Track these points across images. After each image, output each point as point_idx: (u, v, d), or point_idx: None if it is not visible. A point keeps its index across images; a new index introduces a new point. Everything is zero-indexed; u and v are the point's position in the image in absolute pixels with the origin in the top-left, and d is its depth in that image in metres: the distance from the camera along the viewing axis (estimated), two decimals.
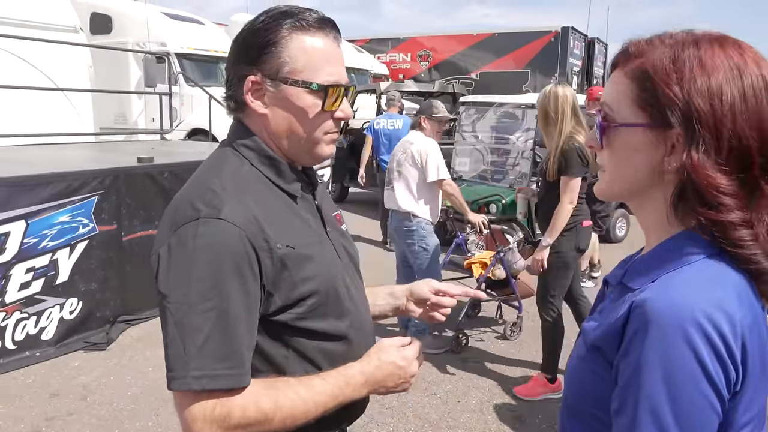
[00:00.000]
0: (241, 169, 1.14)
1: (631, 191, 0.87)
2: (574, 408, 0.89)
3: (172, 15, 10.86)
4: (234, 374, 1.01)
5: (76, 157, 5.49)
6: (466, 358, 4.30)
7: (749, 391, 0.75)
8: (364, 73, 13.61)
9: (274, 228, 1.08)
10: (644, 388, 0.72)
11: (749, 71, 0.78)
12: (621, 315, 0.78)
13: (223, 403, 1.00)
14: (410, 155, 4.17)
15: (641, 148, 0.82)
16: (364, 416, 3.37)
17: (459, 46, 15.15)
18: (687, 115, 0.77)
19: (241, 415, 1.01)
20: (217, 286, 1.00)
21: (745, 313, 0.74)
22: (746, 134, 0.76)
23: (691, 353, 0.70)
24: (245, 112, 1.16)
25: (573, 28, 13.99)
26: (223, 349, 1.00)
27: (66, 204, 4.10)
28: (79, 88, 7.19)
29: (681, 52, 0.80)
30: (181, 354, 0.99)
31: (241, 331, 1.03)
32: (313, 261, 1.13)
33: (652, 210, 0.86)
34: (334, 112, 1.16)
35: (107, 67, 9.09)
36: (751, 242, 0.77)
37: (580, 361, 0.87)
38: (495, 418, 3.47)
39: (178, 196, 1.12)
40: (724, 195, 0.76)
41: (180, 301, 1.00)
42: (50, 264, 4.05)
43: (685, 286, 0.75)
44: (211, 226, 1.02)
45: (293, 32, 1.11)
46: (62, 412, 3.41)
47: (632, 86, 0.83)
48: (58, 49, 6.70)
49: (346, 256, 1.28)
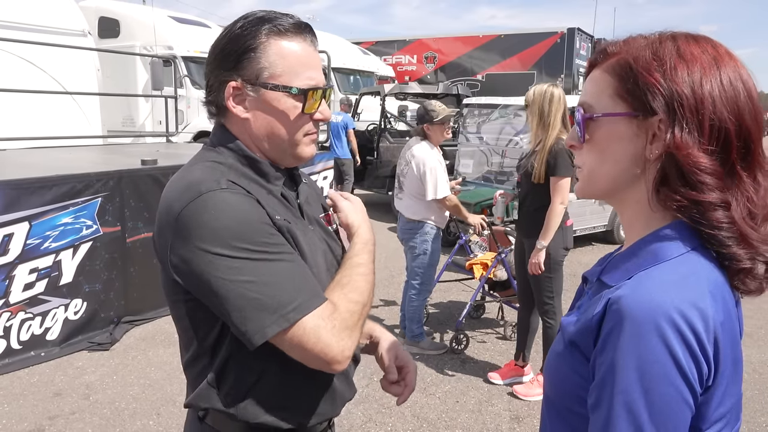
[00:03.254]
0: (224, 164, 1.16)
1: (613, 186, 0.89)
2: (554, 403, 0.90)
3: (178, 18, 10.96)
4: (319, 293, 1.09)
5: (81, 159, 5.56)
6: (465, 358, 4.32)
7: (721, 386, 0.77)
8: (369, 76, 13.65)
9: (268, 206, 1.11)
10: (619, 383, 0.74)
11: (724, 63, 0.82)
12: (597, 311, 0.79)
13: (332, 314, 1.08)
14: (412, 167, 4.14)
15: (623, 138, 0.84)
16: (362, 416, 3.44)
17: (465, 47, 15.16)
18: (669, 99, 0.79)
19: (348, 314, 1.10)
20: (258, 239, 1.05)
21: (718, 310, 0.76)
22: (725, 117, 0.79)
23: (664, 349, 0.72)
24: (226, 117, 1.19)
25: (579, 29, 13.96)
26: (300, 280, 1.07)
27: (69, 206, 4.15)
28: (87, 91, 7.27)
29: (660, 45, 0.83)
30: (263, 303, 1.03)
31: (302, 263, 1.11)
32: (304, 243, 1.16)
33: (633, 203, 0.88)
34: (313, 113, 1.19)
35: (115, 71, 9.20)
36: (727, 224, 0.79)
37: (559, 357, 0.89)
38: (493, 419, 3.48)
39: (168, 191, 1.13)
40: (704, 173, 0.78)
41: (233, 265, 1.02)
42: (54, 265, 4.11)
43: (659, 284, 0.77)
44: (218, 195, 1.05)
45: (271, 38, 1.13)
46: (65, 411, 3.46)
47: (612, 80, 0.86)
48: (67, 52, 6.78)
49: (330, 254, 1.29)
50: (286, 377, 1.15)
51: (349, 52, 13.72)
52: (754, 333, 4.91)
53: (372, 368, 4.06)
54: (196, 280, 1.05)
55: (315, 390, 1.21)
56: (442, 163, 4.17)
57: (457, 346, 4.38)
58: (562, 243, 3.52)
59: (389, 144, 9.51)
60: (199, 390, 1.16)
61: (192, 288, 1.07)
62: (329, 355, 1.06)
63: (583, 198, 0.97)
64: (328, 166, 6.63)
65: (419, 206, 4.19)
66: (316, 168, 6.45)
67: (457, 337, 4.39)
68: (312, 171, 6.40)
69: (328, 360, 1.07)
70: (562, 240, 3.51)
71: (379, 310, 5.26)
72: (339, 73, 12.54)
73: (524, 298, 3.85)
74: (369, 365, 4.13)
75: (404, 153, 4.33)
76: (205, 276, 1.03)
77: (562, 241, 3.51)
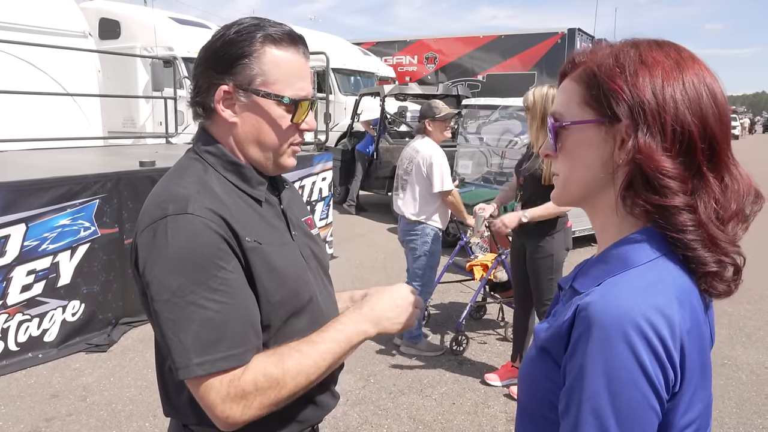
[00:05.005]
0: (205, 174, 1.17)
1: (585, 192, 0.89)
2: (526, 409, 0.91)
3: (179, 20, 10.98)
4: (234, 354, 1.05)
5: (81, 161, 5.56)
6: (462, 360, 4.32)
7: (689, 392, 0.77)
8: (370, 76, 13.65)
9: (240, 225, 1.11)
10: (587, 389, 0.74)
11: (687, 67, 0.82)
12: (567, 318, 0.80)
13: (232, 380, 1.05)
14: (416, 165, 4.17)
15: (592, 145, 0.85)
16: (358, 417, 3.45)
17: (465, 48, 15.14)
18: (632, 105, 0.80)
19: (253, 387, 1.06)
20: (196, 278, 1.04)
21: (685, 317, 0.77)
22: (688, 120, 0.79)
23: (631, 355, 0.72)
24: (212, 119, 1.20)
25: (580, 29, 13.93)
26: (218, 333, 1.04)
27: (67, 207, 4.16)
28: (87, 92, 7.29)
29: (622, 52, 0.84)
30: (179, 346, 1.03)
31: (235, 312, 1.06)
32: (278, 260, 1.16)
33: (604, 209, 0.88)
34: (300, 124, 1.20)
35: (115, 72, 9.21)
36: (692, 227, 0.79)
37: (531, 363, 0.89)
38: (489, 420, 3.48)
39: (147, 201, 1.15)
40: (668, 178, 0.78)
41: (164, 298, 1.04)
42: (51, 266, 4.12)
43: (627, 290, 0.77)
44: (180, 221, 1.06)
45: (266, 45, 1.14)
46: (62, 412, 3.47)
47: (579, 88, 0.87)
48: (68, 54, 6.79)
49: (313, 259, 1.30)
50: None
51: (349, 53, 13.72)
52: (753, 334, 4.90)
53: (368, 370, 4.07)
54: (145, 300, 1.11)
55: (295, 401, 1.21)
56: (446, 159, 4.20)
57: (457, 348, 4.37)
58: (564, 244, 3.53)
59: (389, 145, 9.51)
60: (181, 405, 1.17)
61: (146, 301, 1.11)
62: (215, 415, 1.06)
63: (559, 205, 0.98)
64: (326, 167, 6.63)
65: (421, 205, 4.20)
66: (315, 169, 6.45)
67: (457, 338, 4.39)
68: (311, 172, 6.40)
69: (216, 420, 1.07)
70: (564, 241, 3.52)
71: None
72: (339, 74, 12.54)
73: (521, 299, 3.84)
74: (366, 367, 4.14)
75: (406, 152, 4.35)
76: (149, 299, 1.08)
77: (564, 242, 3.52)
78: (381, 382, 3.90)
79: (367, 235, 8.41)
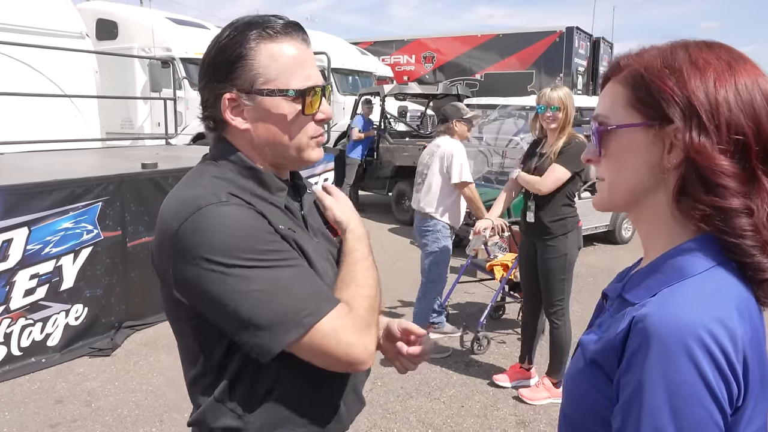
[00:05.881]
0: (224, 177, 1.12)
1: (631, 197, 0.87)
2: (573, 423, 0.88)
3: (176, 20, 10.94)
4: (330, 295, 1.08)
5: (80, 163, 5.52)
6: (469, 362, 4.29)
7: (750, 406, 0.75)
8: (368, 76, 13.62)
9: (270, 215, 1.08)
10: (646, 405, 0.71)
11: (739, 68, 0.80)
12: (621, 330, 0.77)
13: (348, 314, 1.06)
14: (436, 159, 4.31)
15: (639, 149, 0.83)
16: (367, 421, 3.42)
17: (463, 47, 15.14)
18: (684, 106, 0.78)
19: (364, 312, 1.08)
20: (262, 248, 1.02)
21: (746, 328, 0.74)
22: (742, 122, 0.78)
23: (693, 369, 0.70)
24: (226, 129, 1.15)
25: (578, 27, 13.96)
26: (311, 285, 1.06)
27: (69, 210, 4.12)
28: (85, 94, 7.24)
29: (671, 54, 0.82)
30: (282, 307, 1.01)
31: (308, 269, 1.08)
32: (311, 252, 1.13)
33: (652, 215, 0.86)
34: (315, 114, 1.14)
35: (113, 73, 9.16)
36: (751, 232, 0.77)
37: (580, 376, 0.86)
38: (498, 423, 3.45)
39: (168, 205, 1.09)
40: (726, 176, 0.76)
41: (238, 274, 1.00)
42: (54, 270, 4.07)
43: (686, 301, 0.75)
44: (217, 210, 1.02)
45: (261, 42, 1.09)
46: (66, 418, 3.43)
47: (625, 91, 0.85)
48: (65, 55, 6.74)
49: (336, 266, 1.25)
50: (297, 391, 1.13)
51: (347, 53, 13.69)
52: None
53: (376, 372, 4.04)
54: (202, 297, 1.02)
55: (325, 405, 1.19)
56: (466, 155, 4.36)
57: (478, 348, 4.41)
58: (577, 243, 3.53)
59: (389, 145, 9.47)
60: (205, 407, 1.13)
61: (197, 305, 1.04)
62: (352, 354, 1.04)
63: (602, 210, 0.95)
64: (328, 168, 6.61)
65: (437, 198, 4.32)
66: (316, 170, 6.43)
67: (477, 338, 4.42)
68: (312, 173, 6.38)
69: (352, 360, 1.05)
70: (577, 240, 3.52)
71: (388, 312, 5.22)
72: (338, 74, 12.50)
73: (530, 300, 3.82)
74: (373, 370, 4.06)
75: (427, 149, 4.55)
76: (210, 291, 1.00)
77: (576, 241, 3.52)
78: (388, 385, 3.87)
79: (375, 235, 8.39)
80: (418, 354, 1.30)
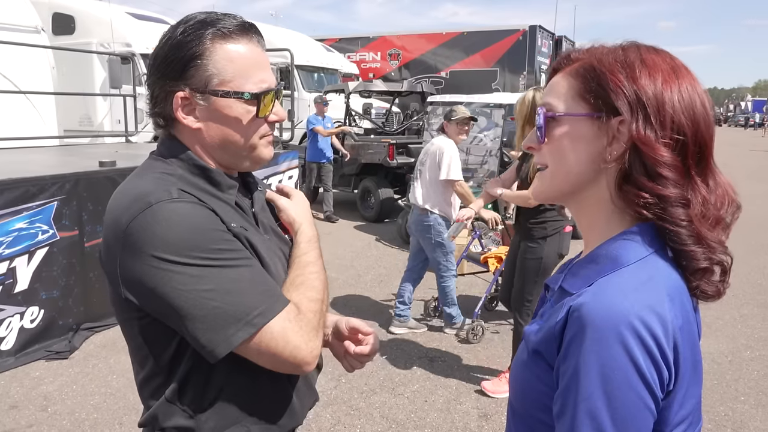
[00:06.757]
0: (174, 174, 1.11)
1: (574, 186, 0.89)
2: (519, 412, 0.90)
3: (136, 15, 10.71)
4: (281, 296, 1.08)
5: (36, 161, 5.37)
6: (433, 357, 4.33)
7: (682, 390, 0.78)
8: (333, 73, 13.56)
9: (222, 213, 1.07)
10: (582, 391, 0.74)
11: (682, 74, 0.85)
12: (559, 319, 0.80)
13: (296, 316, 1.07)
14: (431, 154, 4.62)
15: (583, 138, 0.86)
16: (330, 418, 3.42)
17: (428, 44, 15.21)
18: (632, 99, 0.81)
19: (312, 314, 1.10)
20: (213, 247, 1.01)
21: (677, 314, 0.77)
22: (683, 122, 0.82)
23: (625, 355, 0.73)
24: (176, 128, 1.13)
25: (540, 26, 14.15)
26: (262, 284, 1.06)
27: (23, 210, 4.00)
28: (41, 90, 7.04)
29: (623, 51, 0.86)
30: (231, 308, 1.00)
31: (259, 268, 1.08)
32: (262, 249, 1.13)
33: (591, 205, 0.89)
34: (268, 116, 1.14)
35: (71, 69, 8.93)
36: (686, 222, 0.81)
37: (523, 366, 0.89)
38: (461, 417, 3.49)
39: (116, 201, 1.07)
40: (668, 167, 0.80)
41: (189, 273, 0.99)
42: (8, 272, 3.95)
43: (619, 290, 0.78)
44: (169, 206, 1.00)
45: (216, 42, 1.07)
46: (21, 424, 3.34)
47: (575, 82, 0.88)
48: (19, 50, 6.54)
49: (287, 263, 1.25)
50: (249, 389, 1.13)
51: (312, 50, 13.61)
52: (713, 323, 5.05)
53: (339, 370, 4.03)
54: (151, 295, 1.00)
55: (278, 400, 1.18)
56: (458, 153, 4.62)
57: (474, 337, 4.59)
58: (556, 249, 3.51)
59: (354, 142, 9.44)
60: (156, 407, 1.11)
61: (146, 304, 1.02)
62: (299, 357, 1.05)
63: (542, 201, 0.97)
64: (292, 165, 6.56)
65: (431, 193, 4.59)
66: (280, 168, 6.38)
67: (473, 327, 4.59)
68: (276, 171, 6.33)
69: (298, 362, 1.05)
70: (557, 246, 3.51)
71: (346, 308, 5.23)
72: (303, 71, 12.43)
73: (507, 293, 3.84)
74: (336, 367, 4.09)
75: (425, 147, 4.89)
76: (159, 289, 0.99)
77: (556, 247, 3.50)
78: (352, 381, 3.87)
79: (334, 233, 8.36)
80: (365, 353, 1.31)
